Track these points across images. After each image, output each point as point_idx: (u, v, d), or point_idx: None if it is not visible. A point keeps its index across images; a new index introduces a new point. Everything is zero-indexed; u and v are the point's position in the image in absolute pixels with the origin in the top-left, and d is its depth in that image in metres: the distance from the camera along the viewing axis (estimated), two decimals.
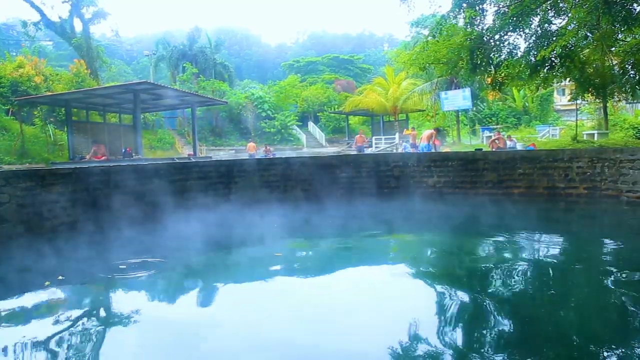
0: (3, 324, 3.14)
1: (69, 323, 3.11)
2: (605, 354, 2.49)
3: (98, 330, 2.99)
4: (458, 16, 11.09)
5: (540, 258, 4.58)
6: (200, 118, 29.15)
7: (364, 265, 4.74)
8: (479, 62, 11.23)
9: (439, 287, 3.79)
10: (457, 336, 2.77)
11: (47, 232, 5.11)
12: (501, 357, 2.47)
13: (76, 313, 3.34)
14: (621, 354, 2.47)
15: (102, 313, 3.40)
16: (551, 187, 7.45)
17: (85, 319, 3.21)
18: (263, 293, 3.79)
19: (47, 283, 3.76)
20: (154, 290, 3.96)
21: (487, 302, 3.34)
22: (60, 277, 3.96)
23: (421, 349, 2.60)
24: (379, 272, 4.43)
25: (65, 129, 15.87)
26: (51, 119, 19.29)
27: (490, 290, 3.63)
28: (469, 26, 10.98)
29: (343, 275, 4.32)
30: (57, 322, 3.14)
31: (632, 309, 3.12)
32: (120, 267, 4.36)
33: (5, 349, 2.62)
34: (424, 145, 14.23)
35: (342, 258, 4.96)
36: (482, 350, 2.54)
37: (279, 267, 4.60)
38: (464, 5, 10.71)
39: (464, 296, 3.50)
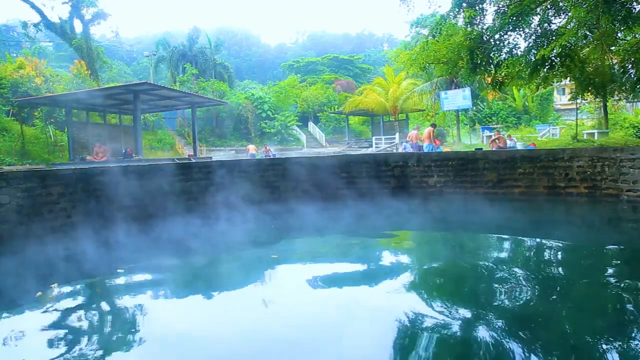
0: None
1: (67, 327, 3.11)
2: (605, 354, 2.49)
3: (92, 336, 2.99)
4: (458, 16, 11.07)
5: (541, 258, 4.58)
6: (200, 119, 29.18)
7: (363, 265, 4.74)
8: (479, 62, 11.21)
9: (438, 287, 3.79)
10: (457, 336, 2.76)
11: (48, 233, 5.11)
12: (501, 357, 2.47)
13: (73, 317, 3.34)
14: (621, 354, 2.47)
15: (97, 319, 3.40)
16: (551, 187, 7.45)
17: (81, 324, 3.21)
18: (260, 294, 3.79)
19: (38, 294, 3.68)
20: (154, 293, 3.96)
21: (487, 301, 3.34)
22: (53, 285, 3.90)
23: (421, 348, 2.60)
24: (378, 272, 4.42)
25: (66, 129, 15.89)
26: (51, 120, 19.31)
27: (489, 290, 3.62)
28: (468, 26, 10.97)
29: (342, 275, 4.32)
30: (54, 327, 3.15)
31: (632, 309, 3.11)
32: (119, 270, 4.36)
33: None
34: (427, 145, 14.25)
35: (341, 258, 4.95)
36: (482, 351, 2.54)
37: (276, 269, 4.60)
38: (464, 4, 10.70)
39: (463, 296, 3.50)
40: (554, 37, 9.96)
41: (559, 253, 4.79)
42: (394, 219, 6.87)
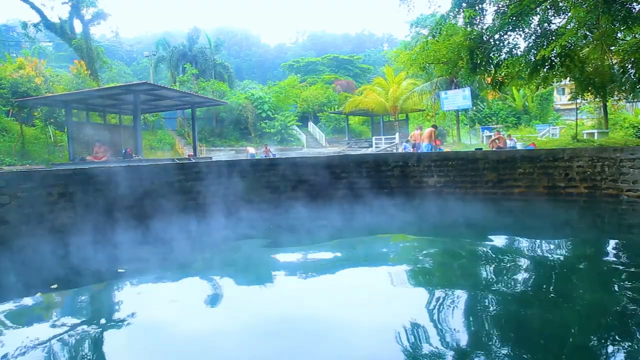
0: None
1: (67, 327, 3.11)
2: (606, 354, 2.49)
3: (91, 340, 2.99)
4: (458, 16, 11.08)
5: (541, 258, 4.58)
6: (200, 119, 29.18)
7: (362, 266, 4.74)
8: (478, 62, 11.21)
9: (438, 287, 3.79)
10: (457, 337, 2.76)
11: (47, 233, 5.11)
12: (500, 357, 2.47)
13: (73, 320, 3.34)
14: (621, 354, 2.47)
15: (96, 322, 3.40)
16: (551, 187, 7.45)
17: (80, 328, 3.21)
18: (260, 294, 3.79)
19: (38, 294, 3.65)
20: (154, 292, 3.96)
21: (487, 301, 3.34)
22: (53, 285, 3.88)
23: (420, 349, 2.60)
24: (378, 273, 4.43)
25: (66, 130, 15.89)
26: (51, 120, 19.32)
27: (489, 290, 3.62)
28: (468, 26, 10.97)
29: (342, 276, 4.32)
30: (54, 327, 3.15)
31: (632, 308, 3.11)
32: (119, 270, 4.36)
33: None
34: (426, 145, 14.25)
35: (341, 258, 4.95)
36: (482, 351, 2.54)
37: (275, 269, 4.60)
38: (464, 4, 10.71)
39: (463, 296, 3.50)
40: (553, 37, 9.97)
41: (559, 253, 4.79)
42: (394, 219, 6.87)
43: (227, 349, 2.75)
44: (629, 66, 12.37)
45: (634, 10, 8.84)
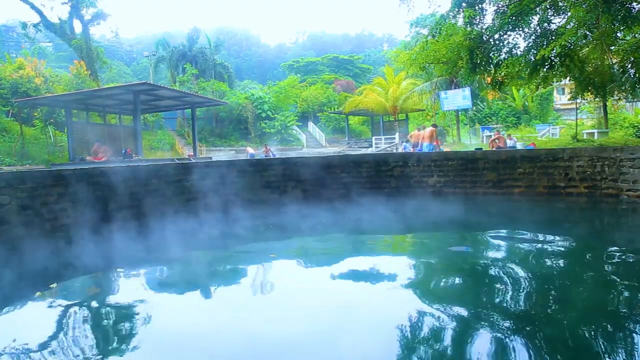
0: None
1: (66, 327, 3.11)
2: (606, 354, 2.49)
3: (90, 339, 2.99)
4: (457, 16, 11.09)
5: (541, 258, 4.57)
6: (200, 119, 29.18)
7: (362, 265, 4.74)
8: (478, 62, 11.22)
9: (437, 287, 3.79)
10: (456, 336, 2.76)
11: (47, 233, 5.10)
12: (500, 357, 2.47)
13: (71, 319, 3.34)
14: (621, 354, 2.47)
15: (95, 322, 3.40)
16: (551, 187, 7.45)
17: (79, 327, 3.21)
18: (259, 294, 3.79)
19: (37, 294, 3.66)
20: (154, 292, 3.96)
21: (486, 300, 3.34)
22: (53, 285, 3.89)
23: (420, 348, 2.60)
24: (377, 272, 4.42)
25: (66, 130, 15.89)
26: (51, 120, 19.32)
27: (489, 290, 3.62)
28: (468, 25, 10.99)
29: (342, 275, 4.31)
30: (53, 327, 3.14)
31: (633, 308, 3.11)
32: (118, 270, 4.36)
33: None
34: (427, 145, 14.25)
35: (340, 258, 4.95)
36: (481, 351, 2.54)
37: (275, 269, 4.60)
38: (464, 4, 10.71)
39: (462, 296, 3.50)
40: (553, 37, 9.98)
41: (559, 253, 4.79)
42: (394, 219, 6.87)
43: (227, 348, 2.75)
44: (629, 66, 12.38)
45: (633, 10, 8.84)
